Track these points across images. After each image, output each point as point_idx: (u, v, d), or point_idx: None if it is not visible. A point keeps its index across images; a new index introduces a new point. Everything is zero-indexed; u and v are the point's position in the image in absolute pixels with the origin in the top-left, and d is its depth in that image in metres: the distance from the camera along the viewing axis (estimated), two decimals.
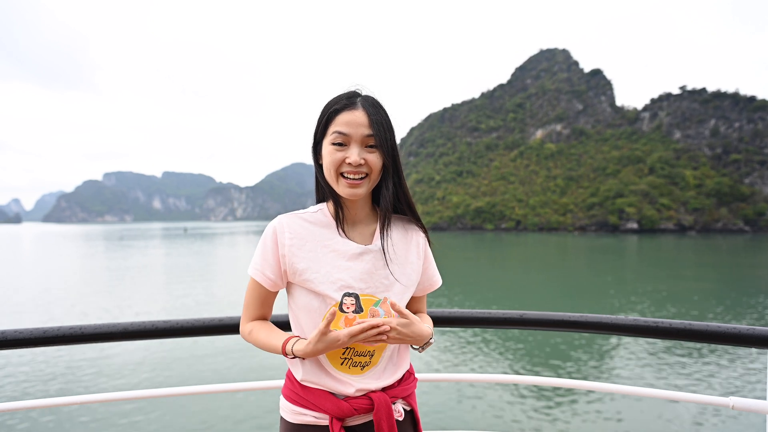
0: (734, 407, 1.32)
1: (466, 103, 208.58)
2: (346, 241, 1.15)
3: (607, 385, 1.47)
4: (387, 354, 1.17)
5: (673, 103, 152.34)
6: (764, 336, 1.29)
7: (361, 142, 1.09)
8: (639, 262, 39.46)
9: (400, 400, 1.19)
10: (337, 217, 1.17)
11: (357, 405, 1.10)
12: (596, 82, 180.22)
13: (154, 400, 7.51)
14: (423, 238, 1.25)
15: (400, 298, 1.17)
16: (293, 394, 1.16)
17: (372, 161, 1.10)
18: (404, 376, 1.23)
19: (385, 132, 1.11)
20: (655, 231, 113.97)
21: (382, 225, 1.17)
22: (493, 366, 9.89)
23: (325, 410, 1.10)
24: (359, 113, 1.09)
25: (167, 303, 17.99)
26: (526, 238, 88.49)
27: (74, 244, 65.97)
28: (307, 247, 1.14)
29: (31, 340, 1.35)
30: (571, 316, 1.46)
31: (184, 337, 1.45)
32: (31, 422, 6.96)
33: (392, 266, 1.17)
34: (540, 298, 19.61)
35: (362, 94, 1.14)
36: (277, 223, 1.15)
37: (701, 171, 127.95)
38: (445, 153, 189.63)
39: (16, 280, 25.76)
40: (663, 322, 1.38)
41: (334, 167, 1.10)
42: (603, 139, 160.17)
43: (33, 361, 10.05)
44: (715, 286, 22.80)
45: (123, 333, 1.40)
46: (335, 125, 1.10)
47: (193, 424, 7.00)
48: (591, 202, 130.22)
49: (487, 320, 1.53)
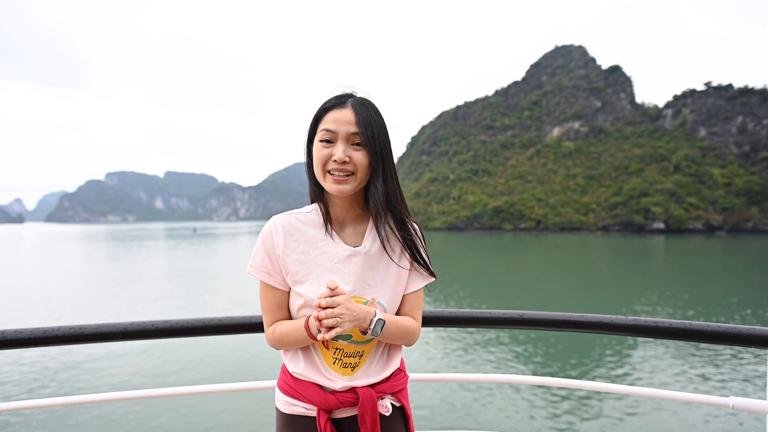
0: (734, 407, 1.32)
1: (479, 100, 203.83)
2: (336, 243, 1.18)
3: (606, 385, 1.48)
4: (377, 353, 1.19)
5: (698, 99, 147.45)
6: (764, 336, 1.29)
7: (346, 139, 1.11)
8: (680, 264, 36.38)
9: (388, 396, 1.20)
10: (326, 219, 1.19)
11: (343, 398, 1.13)
12: (615, 79, 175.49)
13: (154, 400, 7.44)
14: (415, 238, 1.24)
15: (390, 299, 1.19)
16: (286, 386, 1.19)
17: (357, 159, 1.11)
18: (394, 372, 1.24)
19: (373, 131, 1.11)
20: (682, 231, 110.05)
21: (373, 225, 1.19)
22: (493, 366, 9.85)
23: (313, 402, 1.13)
24: (347, 111, 1.11)
25: (210, 305, 17.46)
26: (547, 239, 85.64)
27: (90, 245, 63.60)
28: (300, 249, 1.16)
29: (31, 340, 1.34)
30: (571, 316, 1.46)
31: (184, 337, 1.45)
32: (31, 422, 6.95)
33: (379, 268, 1.18)
34: (564, 305, 18.10)
35: (356, 96, 1.17)
36: (272, 225, 1.18)
37: (729, 169, 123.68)
38: (459, 151, 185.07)
39: (44, 280, 24.98)
40: (663, 322, 1.37)
41: (321, 164, 1.12)
42: (623, 136, 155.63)
43: (33, 360, 9.98)
44: (747, 289, 21.78)
45: (123, 333, 1.40)
46: (324, 123, 1.13)
47: (191, 423, 6.98)
48: (614, 201, 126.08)
49: (487, 320, 1.53)
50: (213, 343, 11.01)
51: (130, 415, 7.19)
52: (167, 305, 17.30)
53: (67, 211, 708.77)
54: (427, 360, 10.17)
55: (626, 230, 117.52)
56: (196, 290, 20.98)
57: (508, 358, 10.44)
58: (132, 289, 21.24)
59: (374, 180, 1.16)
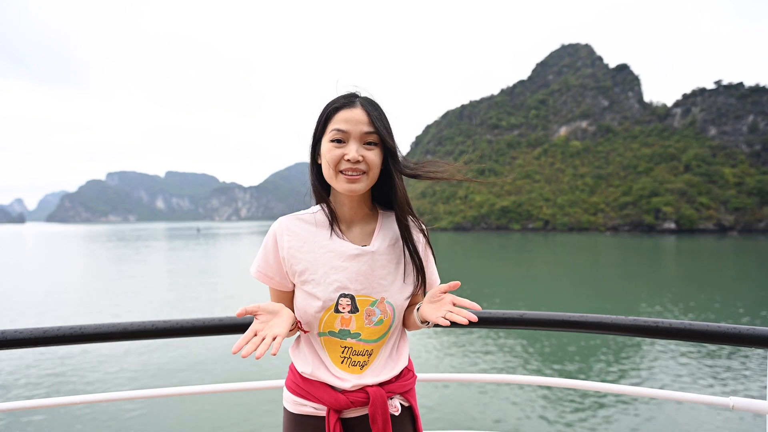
0: (734, 407, 1.31)
1: (485, 99, 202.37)
2: (343, 242, 1.17)
3: (606, 385, 1.48)
4: (386, 351, 1.19)
5: (708, 98, 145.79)
6: (764, 336, 1.29)
7: (359, 138, 1.10)
8: (693, 265, 35.16)
9: (397, 396, 1.20)
10: (331, 218, 1.19)
11: (353, 398, 1.12)
12: (622, 78, 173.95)
13: (155, 400, 7.40)
14: (423, 238, 1.24)
15: (398, 299, 1.18)
16: (294, 385, 1.19)
17: (370, 158, 1.11)
18: (402, 372, 1.23)
19: (384, 129, 1.12)
20: (693, 231, 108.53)
21: (381, 225, 1.19)
22: (493, 366, 9.85)
23: (323, 401, 1.13)
24: (358, 111, 1.11)
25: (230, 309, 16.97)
26: (555, 239, 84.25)
27: (95, 246, 62.28)
28: (306, 248, 1.16)
29: (31, 340, 1.34)
30: (571, 316, 1.46)
31: (184, 337, 1.45)
32: (31, 422, 6.92)
33: (389, 267, 1.17)
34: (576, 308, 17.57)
35: (361, 95, 1.16)
36: (277, 226, 1.18)
37: (740, 169, 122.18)
38: (465, 151, 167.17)
39: (59, 280, 24.63)
40: (663, 322, 1.37)
41: (333, 164, 1.11)
42: (632, 136, 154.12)
43: (33, 360, 9.93)
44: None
45: (123, 333, 1.40)
46: (334, 122, 1.11)
47: (193, 424, 6.97)
48: (624, 201, 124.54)
49: (487, 320, 1.52)
50: (214, 342, 10.96)
51: (130, 416, 7.13)
52: (187, 308, 16.70)
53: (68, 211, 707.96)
54: (427, 359, 10.16)
55: (636, 230, 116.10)
56: (214, 293, 20.31)
57: (508, 358, 10.50)
58: (150, 291, 20.61)
59: (390, 179, 1.16)
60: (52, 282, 23.99)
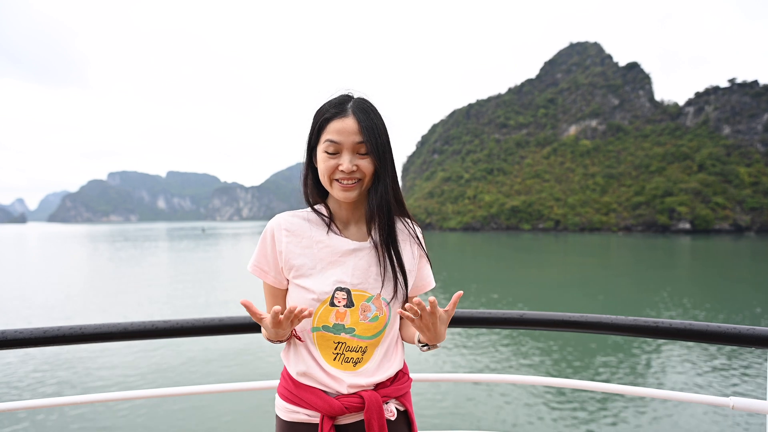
0: (734, 407, 1.31)
1: (492, 98, 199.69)
2: (341, 238, 1.18)
3: (606, 385, 1.47)
4: (381, 351, 1.18)
5: (722, 96, 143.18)
6: (764, 336, 1.28)
7: (352, 149, 1.10)
8: (713, 266, 33.54)
9: (393, 400, 1.19)
10: (329, 216, 1.20)
11: (348, 404, 1.10)
12: (633, 76, 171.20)
13: (154, 400, 7.40)
14: (415, 239, 1.25)
15: (394, 296, 1.18)
16: (287, 392, 1.17)
17: (364, 167, 1.11)
18: (398, 375, 1.22)
19: (376, 137, 1.11)
20: (709, 231, 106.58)
21: (377, 223, 1.19)
22: (493, 366, 9.79)
23: (316, 408, 1.10)
24: (350, 121, 1.10)
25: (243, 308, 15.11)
26: (567, 239, 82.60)
27: (100, 246, 61.17)
28: (303, 243, 1.16)
29: (31, 340, 1.34)
30: (571, 316, 1.46)
31: (183, 337, 1.44)
32: (31, 422, 6.94)
33: (386, 263, 1.17)
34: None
35: (354, 98, 1.14)
36: (275, 222, 1.18)
37: (755, 168, 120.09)
38: (473, 150, 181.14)
39: (64, 281, 23.90)
40: (663, 322, 1.36)
41: (328, 174, 1.12)
42: (643, 135, 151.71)
43: (33, 361, 9.90)
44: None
45: (123, 333, 1.39)
46: (327, 133, 1.11)
47: (191, 424, 6.97)
48: (636, 201, 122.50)
49: (487, 320, 1.52)
50: (213, 342, 10.95)
51: (129, 416, 7.12)
52: (205, 311, 15.87)
53: (69, 211, 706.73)
54: (426, 359, 10.12)
55: (650, 230, 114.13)
56: (232, 293, 19.47)
57: (508, 358, 10.44)
58: (167, 293, 19.92)
59: (376, 183, 1.16)
60: (71, 281, 23.31)
